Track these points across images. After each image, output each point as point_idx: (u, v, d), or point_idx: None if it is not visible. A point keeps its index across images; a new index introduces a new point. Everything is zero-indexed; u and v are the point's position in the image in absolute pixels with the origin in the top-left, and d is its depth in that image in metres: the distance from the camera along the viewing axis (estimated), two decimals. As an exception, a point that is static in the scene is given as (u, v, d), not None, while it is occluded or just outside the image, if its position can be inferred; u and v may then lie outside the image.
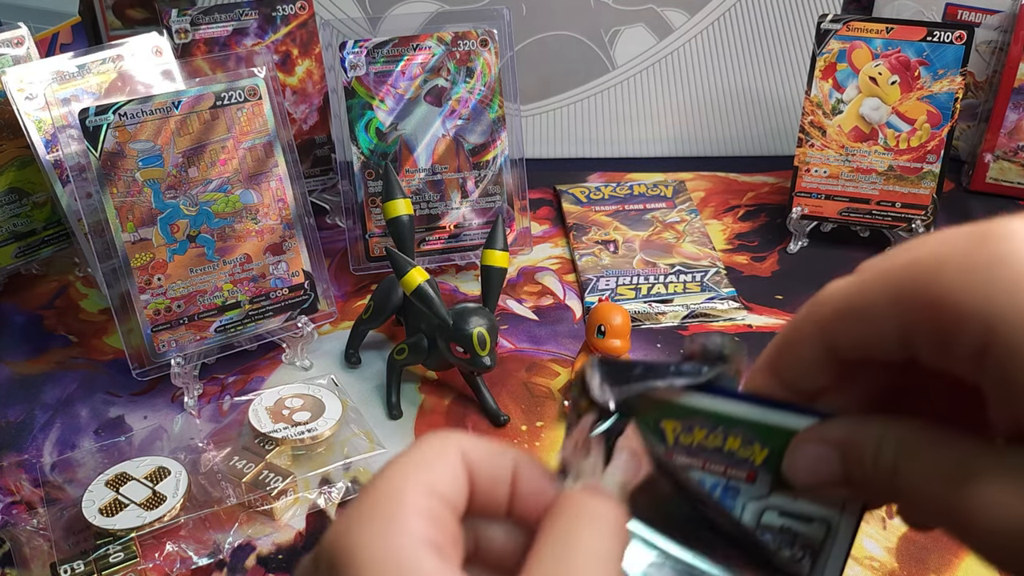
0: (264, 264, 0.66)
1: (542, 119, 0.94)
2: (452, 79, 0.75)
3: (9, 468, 0.59)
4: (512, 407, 0.64)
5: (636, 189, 0.88)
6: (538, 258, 0.80)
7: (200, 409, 0.64)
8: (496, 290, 0.62)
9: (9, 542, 0.54)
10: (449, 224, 0.77)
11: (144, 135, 0.61)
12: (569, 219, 0.84)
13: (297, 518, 0.56)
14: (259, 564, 0.53)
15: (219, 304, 0.65)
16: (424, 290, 0.59)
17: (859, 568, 0.52)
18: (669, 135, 0.94)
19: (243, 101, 0.64)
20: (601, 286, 0.74)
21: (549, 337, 0.71)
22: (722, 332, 0.35)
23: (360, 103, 0.75)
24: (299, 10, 0.81)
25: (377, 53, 0.74)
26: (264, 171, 0.65)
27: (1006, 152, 0.87)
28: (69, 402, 0.65)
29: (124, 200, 0.61)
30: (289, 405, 0.61)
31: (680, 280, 0.75)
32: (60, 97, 0.60)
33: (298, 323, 0.68)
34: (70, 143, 0.60)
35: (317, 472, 0.58)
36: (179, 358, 0.64)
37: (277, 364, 0.69)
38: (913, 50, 0.76)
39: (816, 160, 0.79)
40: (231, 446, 0.59)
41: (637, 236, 0.81)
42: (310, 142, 0.85)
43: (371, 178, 0.75)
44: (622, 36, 0.90)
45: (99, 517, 0.53)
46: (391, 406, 0.64)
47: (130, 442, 0.61)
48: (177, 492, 0.55)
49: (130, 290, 0.62)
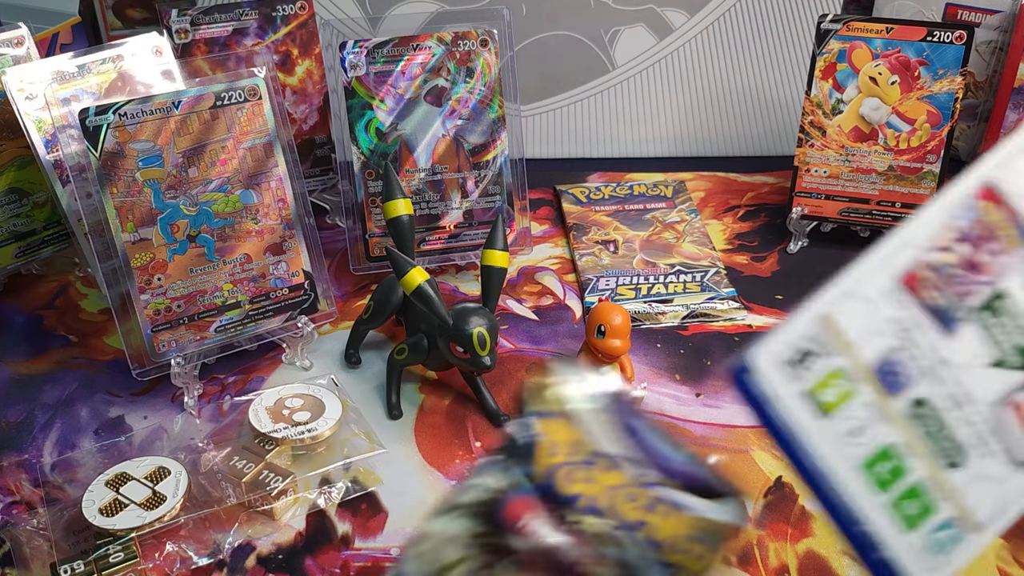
0: (264, 264, 0.66)
1: (542, 119, 0.94)
2: (452, 79, 0.75)
3: (9, 468, 0.59)
4: (512, 407, 0.64)
5: (636, 189, 0.88)
6: (538, 258, 0.80)
7: (200, 409, 0.64)
8: (496, 290, 0.62)
9: (9, 542, 0.54)
10: (449, 224, 0.77)
11: (144, 135, 0.61)
12: (569, 219, 0.84)
13: (297, 518, 0.56)
14: (259, 564, 0.53)
15: (219, 304, 0.65)
16: (424, 290, 0.59)
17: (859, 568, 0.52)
18: (669, 135, 0.94)
19: (243, 101, 0.64)
20: (601, 286, 0.74)
21: (549, 337, 0.71)
22: (536, 415, 0.34)
23: (360, 103, 0.75)
24: (299, 10, 0.81)
25: (377, 53, 0.74)
26: (264, 171, 0.65)
27: (1006, 152, 0.87)
28: (69, 402, 0.65)
29: (124, 200, 0.61)
30: (289, 405, 0.61)
31: (680, 280, 0.75)
32: (60, 97, 0.60)
33: (298, 323, 0.68)
34: (70, 143, 0.60)
35: (317, 472, 0.58)
36: (179, 358, 0.64)
37: (277, 364, 0.69)
38: (913, 50, 0.76)
39: (816, 160, 0.79)
40: (231, 446, 0.59)
41: (637, 236, 0.81)
42: (310, 142, 0.85)
43: (371, 178, 0.75)
44: (622, 36, 0.90)
45: (99, 517, 0.53)
46: (391, 406, 0.64)
47: (130, 442, 0.61)
48: (177, 492, 0.55)
49: (130, 290, 0.62)
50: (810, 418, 0.32)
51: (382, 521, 0.56)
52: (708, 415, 0.63)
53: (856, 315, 0.33)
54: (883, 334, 0.33)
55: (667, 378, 0.67)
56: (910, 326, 0.33)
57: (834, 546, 0.54)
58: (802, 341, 0.32)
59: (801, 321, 0.33)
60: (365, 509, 0.56)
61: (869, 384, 0.33)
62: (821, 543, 0.54)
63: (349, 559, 0.53)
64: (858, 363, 0.33)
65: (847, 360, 0.33)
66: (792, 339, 0.33)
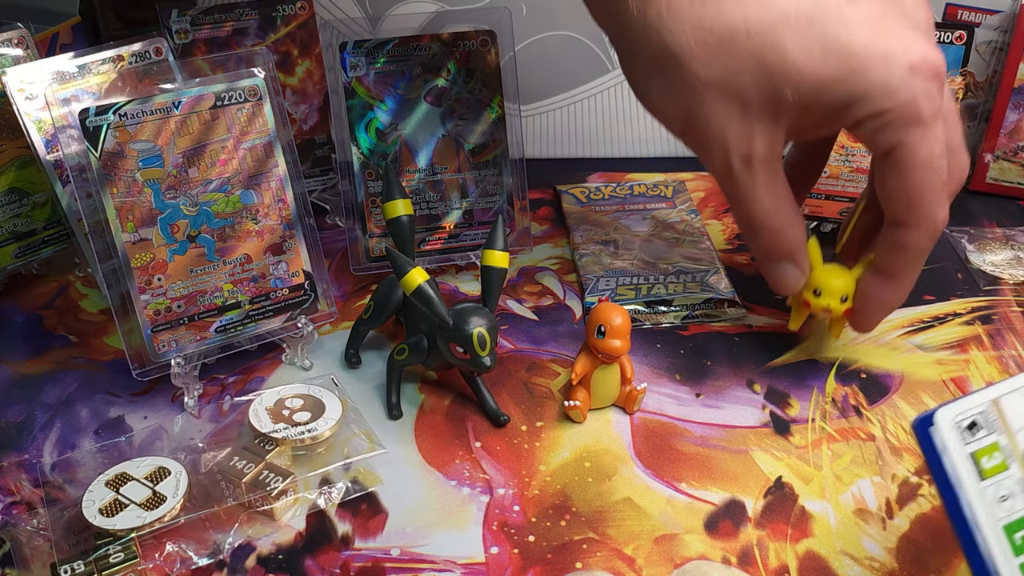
0: (264, 264, 0.66)
1: (542, 119, 0.94)
2: (452, 79, 0.75)
3: (9, 468, 0.59)
4: (512, 407, 0.64)
5: (636, 189, 0.88)
6: (538, 258, 0.80)
7: (200, 409, 0.64)
8: (496, 290, 0.62)
9: (9, 542, 0.54)
10: (449, 224, 0.77)
11: (144, 135, 0.61)
12: (569, 219, 0.84)
13: (297, 518, 0.56)
14: (259, 564, 0.53)
15: (219, 304, 0.65)
16: (424, 290, 0.59)
17: (859, 568, 0.52)
18: (669, 135, 0.94)
19: (243, 101, 0.64)
20: (601, 286, 0.74)
21: (549, 337, 0.71)
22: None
23: (360, 103, 0.75)
24: (299, 10, 0.81)
25: (377, 53, 0.74)
26: (264, 171, 0.65)
27: (1006, 152, 0.88)
28: (69, 402, 0.65)
29: (124, 200, 0.61)
30: (289, 405, 0.61)
31: (680, 280, 0.75)
32: (60, 97, 0.60)
33: (298, 323, 0.68)
34: (70, 143, 0.60)
35: (317, 472, 0.58)
36: (179, 358, 0.64)
37: (277, 364, 0.69)
38: (913, 50, 0.76)
39: (816, 160, 0.79)
40: (231, 446, 0.59)
41: (637, 236, 0.81)
42: (310, 142, 0.85)
43: (371, 178, 0.75)
44: (622, 36, 0.90)
45: (99, 517, 0.53)
46: (391, 406, 0.64)
47: (130, 442, 0.61)
48: (177, 492, 0.55)
49: (130, 290, 0.62)
50: (970, 476, 0.41)
51: (382, 521, 0.56)
52: (708, 415, 0.63)
53: (1019, 407, 0.42)
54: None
55: (667, 378, 0.67)
56: None
57: (834, 546, 0.54)
58: (975, 413, 0.42)
59: (979, 397, 0.42)
60: (365, 509, 0.56)
61: (1019, 465, 0.42)
62: (821, 543, 0.54)
63: (349, 559, 0.53)
64: (1014, 444, 0.42)
65: (1006, 439, 0.42)
66: (968, 409, 0.42)
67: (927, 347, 0.69)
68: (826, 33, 0.53)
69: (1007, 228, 0.84)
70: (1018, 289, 0.76)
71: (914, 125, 0.55)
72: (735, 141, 0.56)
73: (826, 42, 0.53)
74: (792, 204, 0.60)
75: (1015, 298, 0.75)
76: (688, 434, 0.62)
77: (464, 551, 0.54)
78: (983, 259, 0.80)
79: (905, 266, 0.60)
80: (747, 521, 0.55)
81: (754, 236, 0.61)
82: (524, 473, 0.59)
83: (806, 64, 0.53)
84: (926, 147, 0.55)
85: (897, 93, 0.54)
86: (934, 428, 0.42)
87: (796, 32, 0.53)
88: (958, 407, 0.42)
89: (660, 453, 0.60)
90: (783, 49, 0.53)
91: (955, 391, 0.65)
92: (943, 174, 0.57)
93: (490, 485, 0.58)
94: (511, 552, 0.54)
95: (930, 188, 0.56)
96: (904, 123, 0.55)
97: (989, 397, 0.42)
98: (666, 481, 0.58)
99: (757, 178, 0.58)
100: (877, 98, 0.54)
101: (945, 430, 0.42)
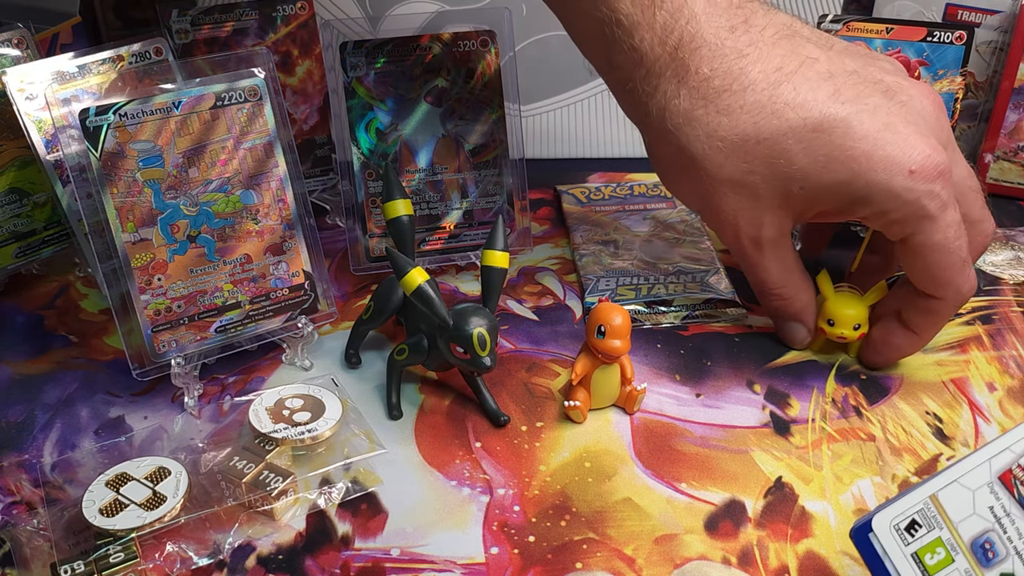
0: (264, 264, 0.66)
1: (542, 119, 0.94)
2: (452, 79, 0.75)
3: (9, 468, 0.59)
4: (512, 407, 0.64)
5: (636, 189, 0.88)
6: (538, 258, 0.80)
7: (200, 409, 0.64)
8: (496, 290, 0.62)
9: (9, 542, 0.54)
10: (449, 224, 0.77)
11: (144, 135, 0.61)
12: (569, 219, 0.84)
13: (297, 518, 0.56)
14: (259, 564, 0.53)
15: (219, 304, 0.65)
16: (424, 290, 0.59)
17: (859, 568, 0.52)
18: (669, 135, 0.94)
19: (243, 101, 0.64)
20: (601, 286, 0.74)
21: (549, 337, 0.71)
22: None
23: (360, 103, 0.75)
24: (299, 10, 0.81)
25: (377, 53, 0.74)
26: (264, 171, 0.65)
27: (1006, 152, 0.88)
28: (69, 402, 0.65)
29: (124, 200, 0.61)
30: (289, 405, 0.61)
31: (680, 280, 0.75)
32: (60, 97, 0.60)
33: (298, 323, 0.68)
34: (70, 143, 0.60)
35: (317, 472, 0.58)
36: (179, 358, 0.64)
37: (277, 364, 0.69)
38: (913, 50, 0.76)
39: (816, 160, 0.79)
40: (231, 446, 0.59)
41: (637, 236, 0.81)
42: (310, 142, 0.85)
43: (371, 178, 0.75)
44: (622, 36, 0.90)
45: (99, 517, 0.53)
46: (391, 406, 0.64)
47: (130, 442, 0.61)
48: (177, 492, 0.55)
49: (130, 290, 0.62)
50: (914, 575, 0.42)
51: (382, 521, 0.56)
52: (708, 415, 0.63)
53: (958, 499, 0.42)
54: (980, 517, 0.42)
55: (667, 378, 0.67)
56: (1001, 514, 0.41)
57: (834, 546, 0.54)
58: (913, 513, 0.42)
59: (914, 496, 0.42)
60: (365, 509, 0.56)
61: (964, 556, 0.41)
62: (821, 543, 0.54)
63: (349, 559, 0.53)
64: (957, 536, 0.42)
65: (948, 533, 0.42)
66: (906, 510, 0.42)
67: (927, 347, 0.69)
68: (832, 143, 0.57)
69: (1007, 228, 0.84)
70: (1018, 289, 0.76)
71: (922, 220, 0.58)
72: (746, 227, 0.62)
73: (831, 151, 0.57)
74: (799, 271, 0.66)
75: (1015, 298, 0.75)
76: (688, 434, 0.62)
77: (464, 551, 0.54)
78: (983, 259, 0.80)
79: (931, 327, 0.64)
80: (747, 521, 0.55)
81: (765, 299, 0.67)
82: (524, 473, 0.59)
83: (811, 169, 0.58)
84: (938, 235, 0.58)
85: (900, 197, 0.57)
86: (873, 535, 0.42)
87: (802, 142, 0.57)
88: (895, 509, 0.43)
89: (660, 453, 0.60)
90: (790, 156, 0.58)
91: (955, 392, 0.66)
92: (962, 252, 0.59)
93: (490, 485, 0.58)
94: (511, 552, 0.54)
95: (949, 266, 0.59)
96: (911, 220, 0.58)
97: (926, 494, 0.42)
98: (666, 481, 0.58)
99: (766, 255, 0.63)
100: (880, 201, 0.58)
101: (883, 535, 0.42)
